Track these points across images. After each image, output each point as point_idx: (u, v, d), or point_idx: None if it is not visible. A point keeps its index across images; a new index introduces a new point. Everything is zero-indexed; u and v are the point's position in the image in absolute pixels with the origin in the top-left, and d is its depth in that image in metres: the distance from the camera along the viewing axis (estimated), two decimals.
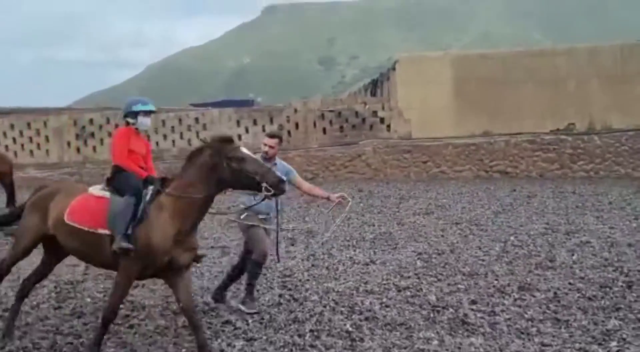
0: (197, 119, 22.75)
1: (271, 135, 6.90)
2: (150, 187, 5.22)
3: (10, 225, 12.23)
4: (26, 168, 22.10)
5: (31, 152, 22.94)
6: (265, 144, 6.58)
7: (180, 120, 22.71)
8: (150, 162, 5.87)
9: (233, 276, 6.65)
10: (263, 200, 5.50)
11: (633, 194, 14.86)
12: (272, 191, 5.02)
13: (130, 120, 5.71)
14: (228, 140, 5.33)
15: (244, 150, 5.20)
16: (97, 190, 5.43)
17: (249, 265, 6.38)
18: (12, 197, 15.34)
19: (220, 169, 5.07)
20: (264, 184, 4.95)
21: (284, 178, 5.45)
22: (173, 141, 22.49)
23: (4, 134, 22.94)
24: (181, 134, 22.46)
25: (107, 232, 4.97)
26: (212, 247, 9.76)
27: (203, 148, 5.31)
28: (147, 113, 5.79)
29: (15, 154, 22.26)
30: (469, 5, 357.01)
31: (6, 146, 22.39)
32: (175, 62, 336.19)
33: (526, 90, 20.41)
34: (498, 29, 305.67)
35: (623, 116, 20.12)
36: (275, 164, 6.49)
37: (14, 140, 22.96)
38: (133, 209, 4.98)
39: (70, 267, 8.22)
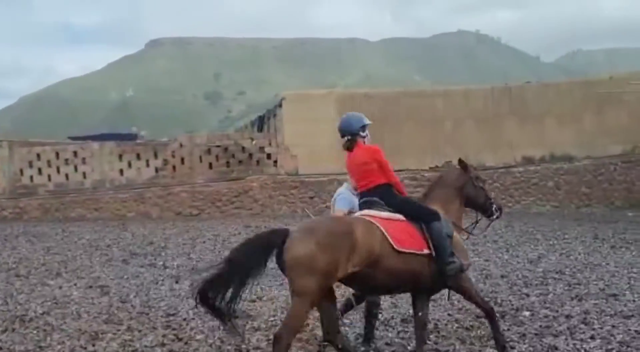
0: (75, 153, 21.90)
1: None
2: None
3: None
4: None
5: None
6: None
7: (57, 154, 21.77)
8: None
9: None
10: (491, 221, 6.42)
11: (504, 227, 15.64)
12: (499, 213, 6.11)
13: (362, 134, 5.69)
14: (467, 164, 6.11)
15: None
16: (385, 213, 5.23)
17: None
18: None
19: (468, 188, 5.98)
20: (495, 206, 6.01)
21: None
22: (49, 176, 21.50)
23: None
24: (58, 168, 21.53)
25: (430, 252, 5.10)
26: (90, 286, 9.33)
27: (450, 170, 6.46)
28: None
29: None
30: (352, 47, 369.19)
31: None
32: (54, 93, 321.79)
33: (407, 128, 21.19)
34: (380, 70, 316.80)
35: (494, 155, 21.31)
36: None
37: None
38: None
39: None
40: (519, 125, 21.51)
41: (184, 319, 7.14)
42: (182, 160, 21.67)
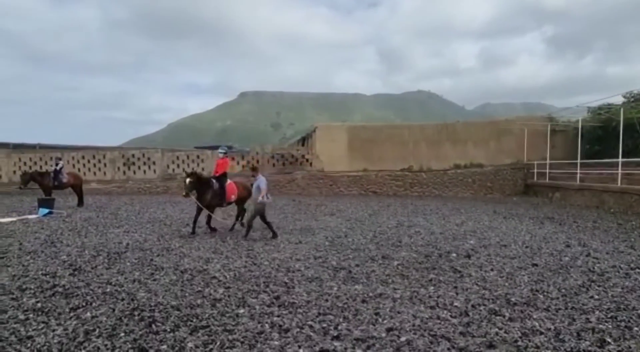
0: (198, 156, 22.17)
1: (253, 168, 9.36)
2: None
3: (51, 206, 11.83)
4: (91, 183, 20.85)
5: (94, 173, 21.63)
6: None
7: (188, 156, 22.09)
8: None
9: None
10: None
11: (442, 205, 15.50)
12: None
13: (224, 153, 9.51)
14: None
15: None
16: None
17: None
18: (81, 200, 14.54)
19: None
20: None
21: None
22: (183, 168, 21.84)
23: (78, 161, 21.66)
24: (188, 164, 21.83)
25: None
26: (205, 232, 9.42)
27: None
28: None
29: (85, 173, 21.01)
30: (356, 98, 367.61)
31: (79, 169, 21.17)
32: (186, 122, 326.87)
33: (386, 146, 21.05)
34: (372, 112, 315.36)
35: (437, 162, 21.07)
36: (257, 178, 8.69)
37: (84, 165, 21.69)
38: None
39: (116, 244, 7.79)
40: (452, 146, 21.23)
41: (257, 253, 7.23)
42: (258, 161, 21.77)
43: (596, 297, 4.88)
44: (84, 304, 4.60)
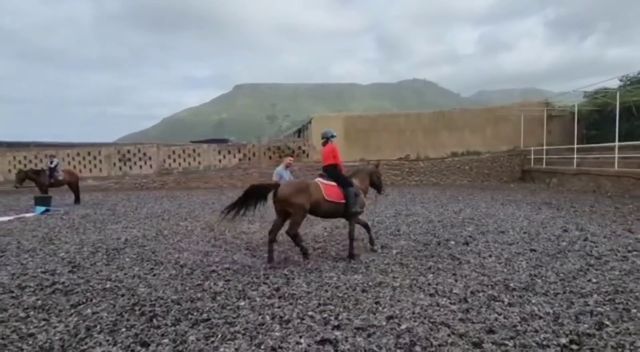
0: (194, 150, 22.08)
1: (290, 155, 8.31)
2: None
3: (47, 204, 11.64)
4: (87, 179, 20.77)
5: (90, 169, 21.54)
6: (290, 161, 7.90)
7: (183, 150, 22.01)
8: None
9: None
10: (381, 195, 7.70)
11: (440, 193, 15.52)
12: (383, 192, 7.42)
13: (332, 139, 6.81)
14: (378, 163, 7.28)
15: None
16: (325, 179, 6.18)
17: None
18: (78, 197, 14.51)
19: (373, 176, 7.11)
20: (382, 188, 7.42)
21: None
22: (179, 163, 21.78)
23: (73, 158, 21.55)
24: (184, 159, 21.78)
25: (345, 201, 6.09)
26: (203, 228, 9.41)
27: (367, 164, 7.14)
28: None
29: (80, 170, 20.93)
30: (352, 88, 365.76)
31: (74, 166, 21.07)
32: (181, 116, 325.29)
33: (383, 136, 21.02)
34: (368, 102, 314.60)
35: (434, 151, 21.06)
36: (293, 170, 8.00)
37: (79, 162, 21.58)
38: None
39: (114, 240, 7.78)
40: (448, 134, 21.22)
41: (256, 245, 7.22)
42: (254, 154, 21.73)
43: (594, 280, 4.92)
44: (84, 300, 4.60)
